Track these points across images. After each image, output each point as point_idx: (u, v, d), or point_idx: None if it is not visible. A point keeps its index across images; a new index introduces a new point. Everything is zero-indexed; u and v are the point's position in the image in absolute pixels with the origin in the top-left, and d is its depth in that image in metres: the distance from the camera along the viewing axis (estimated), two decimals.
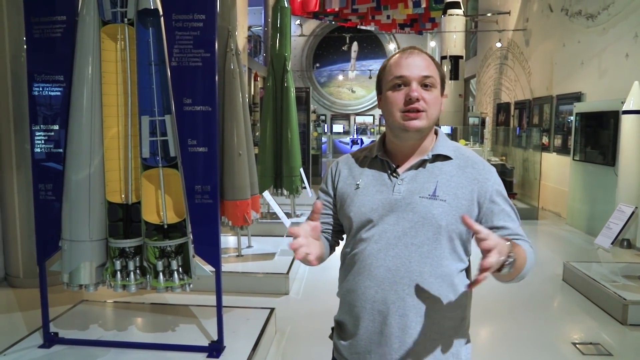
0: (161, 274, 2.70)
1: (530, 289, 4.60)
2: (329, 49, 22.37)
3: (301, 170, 6.53)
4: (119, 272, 2.68)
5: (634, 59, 6.22)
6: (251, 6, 13.61)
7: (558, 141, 8.44)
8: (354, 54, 22.04)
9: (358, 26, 15.59)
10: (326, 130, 19.73)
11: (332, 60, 22.58)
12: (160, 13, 2.60)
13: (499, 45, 11.99)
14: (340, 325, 1.49)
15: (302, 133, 9.90)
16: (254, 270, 4.60)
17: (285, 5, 6.35)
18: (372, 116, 21.98)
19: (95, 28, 2.56)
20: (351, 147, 18.53)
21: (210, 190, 2.77)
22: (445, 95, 12.11)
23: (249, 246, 5.32)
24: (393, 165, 1.43)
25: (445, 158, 1.41)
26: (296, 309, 4.18)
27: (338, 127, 21.52)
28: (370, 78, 21.39)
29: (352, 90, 22.76)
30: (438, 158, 1.41)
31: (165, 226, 2.66)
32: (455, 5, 12.31)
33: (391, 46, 21.20)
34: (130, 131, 2.64)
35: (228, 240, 5.52)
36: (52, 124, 2.76)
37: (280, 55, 6.37)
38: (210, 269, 2.85)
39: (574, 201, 7.34)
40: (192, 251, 2.77)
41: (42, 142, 2.77)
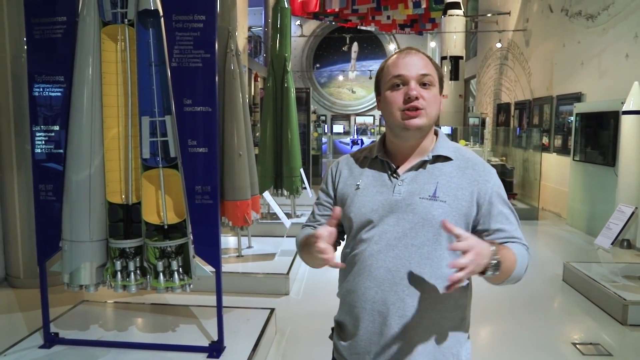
0: (161, 274, 2.70)
1: (530, 289, 4.60)
2: (329, 49, 22.38)
3: (301, 170, 6.53)
4: (119, 273, 2.68)
5: (634, 59, 6.22)
6: (251, 7, 13.62)
7: (558, 141, 8.44)
8: (354, 55, 22.04)
9: (358, 27, 15.61)
10: (326, 131, 19.73)
11: (332, 61, 22.59)
12: (161, 14, 2.60)
13: (499, 45, 11.99)
14: (340, 325, 1.49)
15: (303, 133, 9.91)
16: (254, 271, 4.60)
17: (286, 5, 6.36)
18: (373, 117, 21.98)
19: (95, 29, 2.56)
20: (351, 148, 18.53)
21: (210, 190, 2.77)
22: (445, 96, 12.16)
23: (249, 246, 5.32)
24: (393, 165, 1.43)
25: (446, 159, 1.41)
26: (296, 309, 4.18)
27: (338, 128, 21.54)
28: (371, 78, 21.36)
29: (353, 91, 22.77)
30: (438, 159, 1.41)
31: (166, 226, 2.67)
32: (455, 5, 12.31)
33: (391, 47, 21.20)
34: (130, 132, 2.65)
35: (228, 241, 5.52)
36: (53, 124, 2.76)
37: (280, 55, 6.37)
38: (210, 269, 2.85)
39: (574, 201, 7.34)
40: (193, 251, 2.77)
41: (43, 143, 2.78)
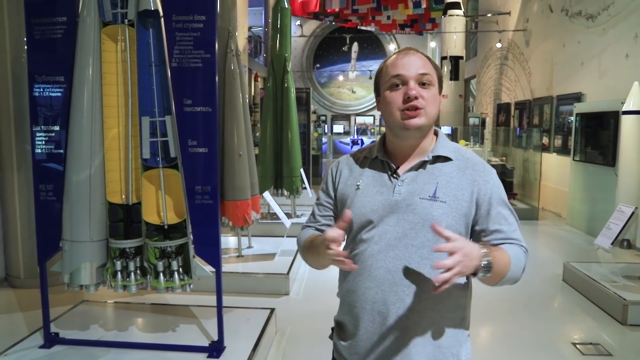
0: (162, 274, 2.70)
1: (530, 289, 4.60)
2: (329, 49, 22.38)
3: (301, 170, 6.53)
4: (119, 273, 2.68)
5: (634, 60, 6.22)
6: (251, 7, 13.63)
7: (558, 141, 8.44)
8: (354, 55, 22.04)
9: (358, 27, 15.62)
10: (326, 131, 19.73)
11: (333, 61, 22.59)
12: (161, 14, 2.60)
13: (499, 45, 11.99)
14: (340, 325, 1.49)
15: (303, 133, 9.92)
16: (254, 271, 4.60)
17: (286, 5, 6.36)
18: (373, 117, 21.97)
19: (95, 29, 2.56)
20: (351, 148, 18.54)
21: (210, 190, 2.77)
22: (445, 96, 12.16)
23: (249, 246, 5.32)
24: (393, 166, 1.43)
25: (446, 159, 1.41)
26: (296, 309, 4.18)
27: (338, 128, 21.55)
28: (371, 78, 21.31)
29: (353, 91, 22.77)
30: (438, 159, 1.41)
31: (166, 227, 2.67)
32: (455, 5, 12.30)
33: (391, 47, 21.19)
34: (130, 132, 2.65)
35: (228, 241, 5.52)
36: (53, 124, 2.76)
37: (280, 55, 6.37)
38: (210, 269, 2.85)
39: (574, 201, 7.34)
40: (193, 252, 2.77)
41: (43, 143, 2.78)
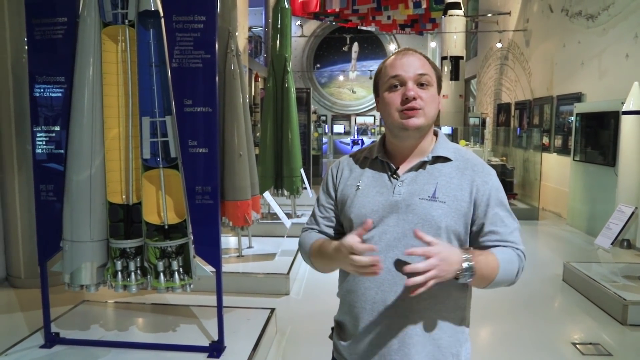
0: (162, 274, 2.70)
1: (530, 289, 4.60)
2: (330, 49, 22.39)
3: (302, 170, 6.53)
4: (119, 273, 2.68)
5: (634, 60, 6.23)
6: (252, 7, 13.62)
7: (558, 141, 8.44)
8: (354, 55, 22.06)
9: (358, 27, 15.63)
10: (327, 131, 19.75)
11: (333, 61, 22.61)
12: (161, 14, 2.60)
13: (499, 45, 11.99)
14: (340, 325, 1.50)
15: (303, 134, 9.92)
16: (254, 271, 4.61)
17: (286, 6, 6.36)
18: (373, 117, 21.99)
19: (96, 29, 2.56)
20: (352, 148, 18.56)
21: (210, 190, 2.78)
22: (446, 96, 12.15)
23: (250, 247, 5.32)
24: (393, 166, 1.44)
25: (445, 160, 1.41)
26: (296, 309, 4.19)
27: (339, 128, 21.57)
28: (371, 78, 21.05)
29: (353, 91, 22.79)
30: (438, 160, 1.42)
31: (166, 227, 2.67)
32: (455, 5, 12.30)
33: (392, 47, 21.20)
34: (131, 132, 2.65)
35: (229, 241, 5.53)
36: (53, 124, 2.77)
37: (280, 56, 6.37)
38: (210, 269, 2.85)
39: (574, 201, 7.35)
40: (193, 252, 2.78)
41: (43, 143, 2.78)
